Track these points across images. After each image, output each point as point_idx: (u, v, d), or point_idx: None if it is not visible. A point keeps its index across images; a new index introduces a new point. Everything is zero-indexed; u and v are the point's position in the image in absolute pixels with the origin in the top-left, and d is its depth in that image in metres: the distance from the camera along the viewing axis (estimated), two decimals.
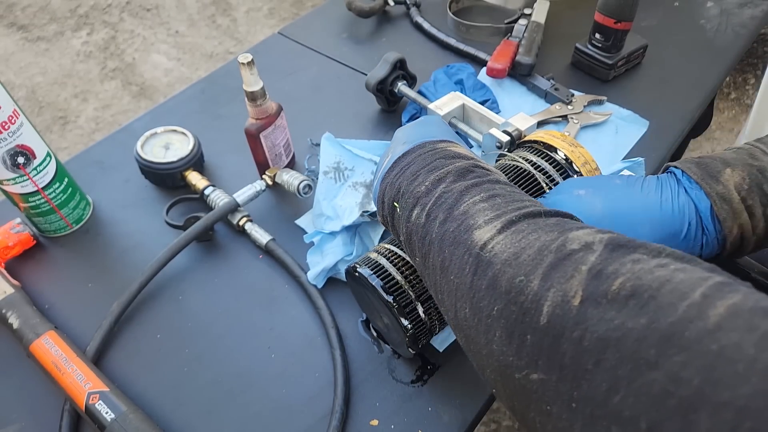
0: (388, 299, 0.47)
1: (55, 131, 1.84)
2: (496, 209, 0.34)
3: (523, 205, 0.35)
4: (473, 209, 0.35)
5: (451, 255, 0.34)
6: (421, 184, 0.39)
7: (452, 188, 0.37)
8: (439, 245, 0.36)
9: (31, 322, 0.56)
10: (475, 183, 0.37)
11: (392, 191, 0.42)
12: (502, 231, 0.32)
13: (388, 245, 0.51)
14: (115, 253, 0.66)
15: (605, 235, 0.30)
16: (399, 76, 0.78)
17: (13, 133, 0.57)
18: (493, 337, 0.30)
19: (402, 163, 0.43)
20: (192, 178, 0.70)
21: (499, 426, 1.12)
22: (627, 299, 0.25)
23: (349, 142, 0.69)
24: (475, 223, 0.34)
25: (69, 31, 2.20)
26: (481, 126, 0.72)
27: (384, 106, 0.80)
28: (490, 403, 0.54)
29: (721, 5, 0.95)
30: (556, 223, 0.32)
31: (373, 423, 0.52)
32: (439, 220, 0.36)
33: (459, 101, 0.73)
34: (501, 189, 0.37)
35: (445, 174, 0.38)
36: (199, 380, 0.55)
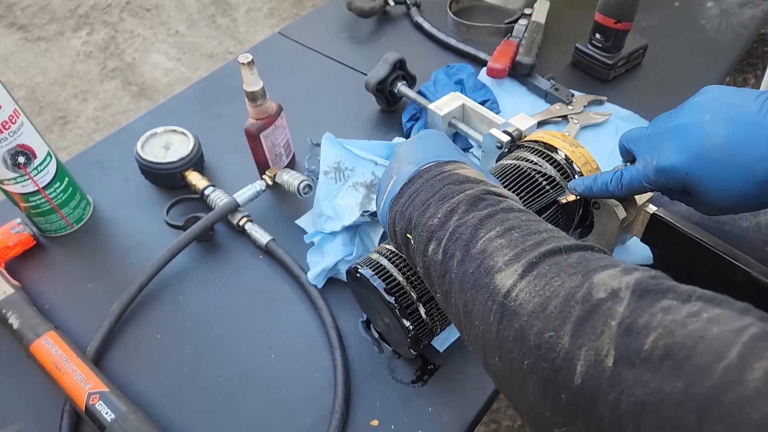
0: (389, 300, 0.47)
1: (55, 131, 1.84)
2: (514, 246, 0.33)
3: (541, 239, 0.33)
4: (490, 247, 0.34)
5: (473, 299, 0.34)
6: (434, 216, 0.38)
7: (466, 221, 0.36)
8: (459, 286, 0.35)
9: (31, 323, 0.56)
10: (489, 214, 0.36)
11: (403, 221, 0.41)
12: (524, 275, 0.31)
13: (390, 246, 0.51)
14: (116, 253, 0.66)
15: (631, 278, 0.29)
16: (399, 77, 0.78)
17: (14, 132, 0.57)
18: (526, 390, 0.30)
19: (409, 189, 0.41)
20: (192, 178, 0.70)
21: (499, 426, 1.12)
22: (662, 360, 0.25)
23: (350, 142, 0.69)
24: (495, 265, 0.33)
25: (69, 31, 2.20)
26: (481, 126, 0.72)
27: (384, 107, 0.80)
28: (490, 403, 0.54)
29: (722, 5, 0.95)
30: (578, 262, 0.31)
31: (373, 423, 0.52)
32: (457, 260, 0.35)
33: (459, 101, 0.73)
34: (516, 219, 0.36)
35: (457, 204, 0.37)
36: (199, 380, 0.55)
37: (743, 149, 0.37)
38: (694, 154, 0.39)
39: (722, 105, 0.40)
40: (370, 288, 0.49)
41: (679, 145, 0.40)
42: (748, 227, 0.56)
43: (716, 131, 0.38)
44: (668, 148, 0.41)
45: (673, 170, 0.40)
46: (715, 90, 0.42)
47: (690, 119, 0.41)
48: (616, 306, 0.27)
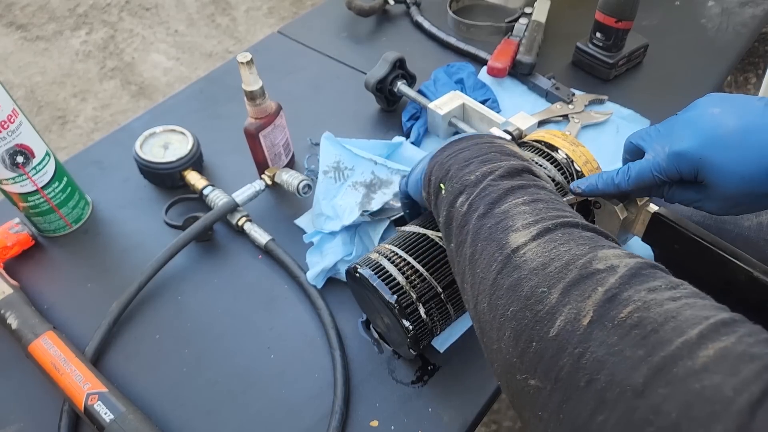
0: (389, 300, 0.47)
1: (54, 131, 1.84)
2: (536, 214, 0.35)
3: (563, 214, 0.35)
4: (514, 210, 0.35)
5: (483, 249, 0.35)
6: (472, 173, 0.39)
7: (499, 184, 0.37)
8: (473, 237, 0.36)
9: (29, 323, 0.55)
10: (521, 185, 0.37)
11: (441, 171, 0.42)
12: (537, 238, 0.33)
13: (390, 245, 0.51)
14: (115, 253, 0.66)
15: (632, 260, 0.30)
16: (398, 76, 0.77)
17: (12, 132, 0.57)
18: (503, 335, 0.32)
19: (456, 147, 0.42)
20: (191, 178, 0.70)
21: (499, 427, 1.11)
22: (631, 328, 0.27)
23: (349, 141, 0.69)
24: (513, 225, 0.34)
25: (68, 31, 2.19)
26: (482, 125, 0.72)
27: (383, 106, 0.80)
28: (491, 403, 0.54)
29: (722, 4, 0.95)
30: (590, 237, 0.33)
31: (373, 424, 0.51)
32: (478, 213, 0.37)
33: (459, 101, 0.72)
34: (546, 195, 0.37)
35: (496, 168, 0.39)
36: (198, 380, 0.55)
37: (755, 133, 0.39)
38: (707, 138, 0.40)
39: (728, 103, 0.41)
40: (369, 288, 0.49)
41: (692, 131, 0.41)
42: (750, 226, 0.56)
43: (727, 120, 0.40)
44: (681, 134, 0.42)
45: (687, 154, 0.41)
46: (718, 94, 0.43)
47: (701, 111, 0.42)
48: (609, 277, 0.29)
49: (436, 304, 0.49)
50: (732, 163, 0.39)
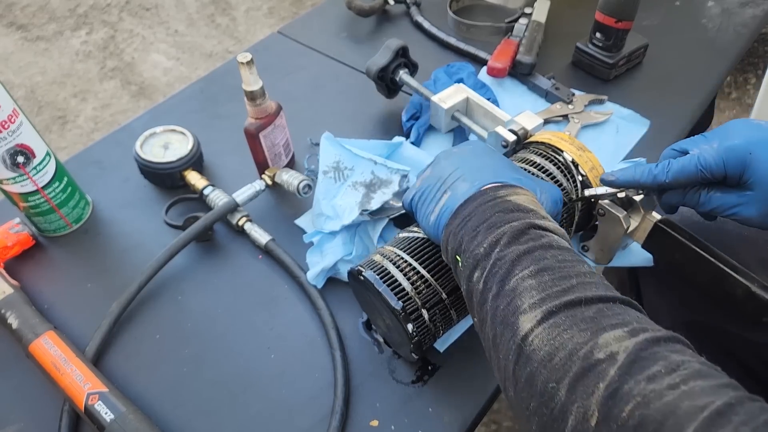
0: (395, 307, 0.47)
1: (55, 131, 1.84)
2: (542, 290, 0.36)
3: (568, 286, 0.35)
4: (521, 286, 0.36)
5: (501, 334, 0.37)
6: (480, 245, 0.40)
7: (506, 254, 0.38)
8: (492, 319, 0.38)
9: (30, 322, 0.55)
10: (527, 249, 0.38)
11: (455, 242, 0.43)
12: (542, 322, 0.34)
13: (394, 248, 0.51)
14: (115, 252, 0.66)
15: (632, 342, 0.31)
16: (401, 64, 0.76)
17: (13, 132, 0.57)
18: (531, 427, 0.34)
19: (464, 212, 0.43)
20: (191, 178, 0.70)
21: (499, 427, 1.11)
22: (635, 429, 0.28)
23: (349, 141, 0.69)
24: (521, 306, 0.36)
25: (68, 31, 2.19)
26: (485, 121, 0.71)
27: (384, 94, 0.79)
28: (491, 403, 0.54)
29: (723, 4, 0.95)
30: (593, 317, 0.33)
31: (373, 423, 0.52)
32: (492, 293, 0.38)
33: (463, 94, 0.71)
34: (551, 259, 0.37)
35: (501, 235, 0.39)
36: (198, 381, 0.55)
37: None
38: (759, 137, 0.42)
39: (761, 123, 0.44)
40: (373, 291, 0.49)
41: (744, 131, 0.43)
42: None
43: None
44: (732, 134, 0.44)
45: (737, 148, 0.42)
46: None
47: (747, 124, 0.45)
48: (609, 368, 0.30)
49: (440, 309, 0.49)
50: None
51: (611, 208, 0.52)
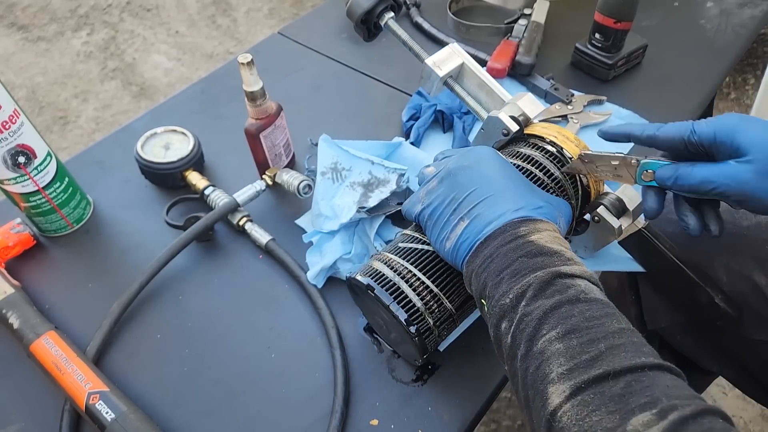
0: (411, 331, 0.47)
1: (56, 131, 1.84)
2: (570, 357, 0.35)
3: (597, 354, 0.35)
4: (549, 350, 0.36)
5: (533, 398, 0.36)
6: (506, 295, 0.39)
7: (532, 310, 0.38)
8: (522, 379, 0.38)
9: (31, 322, 0.56)
10: (554, 305, 0.37)
11: (479, 284, 0.42)
12: (570, 398, 0.34)
13: (401, 260, 0.49)
14: (116, 253, 0.66)
15: (660, 427, 0.30)
16: (388, 7, 0.67)
17: (14, 132, 0.57)
18: None
19: (484, 251, 0.42)
20: (192, 178, 0.70)
21: (499, 426, 1.12)
22: None
23: (347, 142, 0.69)
24: (549, 374, 0.35)
25: (69, 32, 2.20)
26: (480, 94, 0.64)
27: (363, 37, 0.70)
28: (490, 402, 0.54)
29: (721, 5, 0.95)
30: (621, 394, 0.33)
31: (373, 423, 0.52)
32: (521, 352, 0.38)
33: (458, 59, 0.63)
34: (579, 316, 0.37)
35: (527, 287, 0.39)
36: (199, 380, 0.55)
37: None
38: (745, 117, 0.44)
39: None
40: (383, 307, 0.48)
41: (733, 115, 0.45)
42: (749, 226, 0.57)
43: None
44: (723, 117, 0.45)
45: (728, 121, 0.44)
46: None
47: None
48: None
49: (448, 324, 0.50)
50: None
51: (606, 217, 0.53)
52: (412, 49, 0.66)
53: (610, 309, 0.38)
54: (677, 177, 0.45)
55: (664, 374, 0.34)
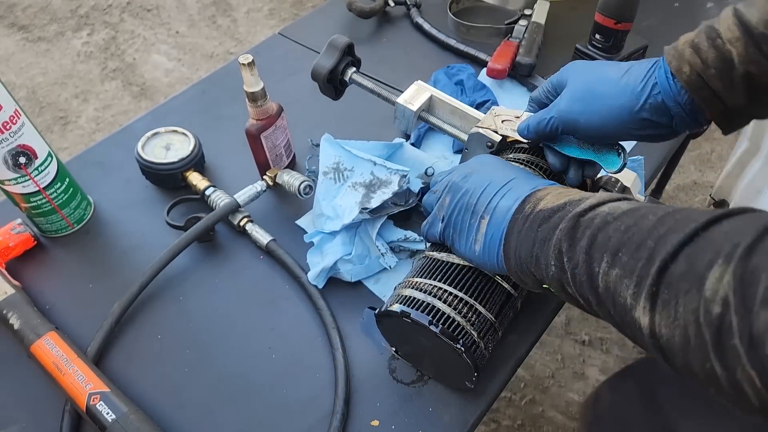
0: (468, 361, 0.46)
1: (56, 131, 1.84)
2: (630, 272, 0.34)
3: (649, 253, 0.33)
4: (611, 283, 0.35)
5: (632, 335, 0.35)
6: (549, 267, 0.39)
7: (576, 260, 0.37)
8: (617, 326, 0.37)
9: (31, 323, 0.56)
10: (590, 241, 0.37)
11: (529, 278, 0.42)
12: (653, 309, 0.32)
13: (429, 280, 0.49)
14: (116, 253, 0.66)
15: (730, 270, 0.28)
16: (349, 63, 0.70)
17: (15, 133, 0.57)
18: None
19: (510, 249, 0.43)
20: (193, 179, 0.70)
21: (499, 426, 1.12)
22: None
23: (349, 142, 0.69)
24: (626, 303, 0.34)
25: (69, 32, 2.20)
26: (453, 119, 0.66)
27: (331, 96, 0.72)
28: (491, 403, 0.54)
29: (721, 5, 0.95)
30: (686, 270, 0.31)
31: (373, 423, 0.52)
32: (594, 303, 0.37)
33: (426, 93, 0.65)
34: (616, 235, 0.35)
35: (558, 245, 0.38)
36: (200, 381, 0.55)
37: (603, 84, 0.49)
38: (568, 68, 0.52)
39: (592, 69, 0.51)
40: (421, 330, 0.47)
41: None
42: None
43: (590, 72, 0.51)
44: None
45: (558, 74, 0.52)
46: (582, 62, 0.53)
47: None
48: (730, 318, 0.28)
49: (492, 335, 0.49)
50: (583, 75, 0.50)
51: None
52: (381, 95, 0.68)
53: (644, 209, 0.36)
54: (527, 125, 0.52)
55: (718, 225, 0.32)
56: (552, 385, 1.16)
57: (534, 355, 1.20)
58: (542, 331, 0.59)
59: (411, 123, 0.66)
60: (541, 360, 1.20)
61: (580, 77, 0.50)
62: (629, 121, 0.47)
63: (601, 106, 0.48)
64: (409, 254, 0.64)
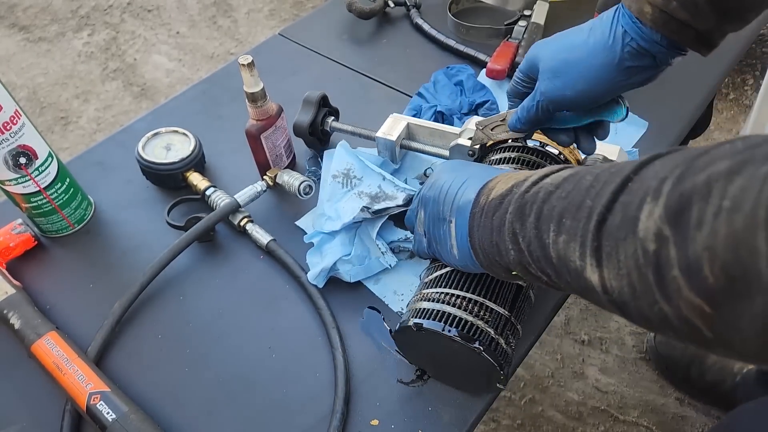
0: (495, 366, 0.45)
1: (57, 132, 1.85)
2: (574, 234, 0.33)
3: (587, 212, 0.33)
4: (560, 250, 0.35)
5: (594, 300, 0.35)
6: (508, 253, 0.39)
7: (527, 237, 0.37)
8: (573, 291, 0.36)
9: (32, 323, 0.56)
10: (536, 216, 0.36)
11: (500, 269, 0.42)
12: (600, 265, 0.32)
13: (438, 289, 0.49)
14: (117, 253, 0.67)
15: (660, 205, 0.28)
16: (326, 114, 0.74)
17: (15, 133, 0.57)
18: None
19: (475, 243, 0.43)
20: (193, 179, 0.70)
21: (498, 425, 1.12)
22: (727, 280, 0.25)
23: (364, 153, 0.70)
24: (576, 266, 0.34)
25: (70, 32, 2.20)
26: (434, 140, 0.69)
27: (316, 149, 0.76)
28: (491, 402, 0.54)
29: None
30: (621, 221, 0.31)
31: (373, 423, 0.52)
32: (554, 277, 0.37)
33: (402, 122, 0.69)
34: (559, 203, 0.35)
35: (511, 227, 0.38)
36: (200, 380, 0.56)
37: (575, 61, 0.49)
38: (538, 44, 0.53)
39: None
40: (437, 338, 0.46)
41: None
42: None
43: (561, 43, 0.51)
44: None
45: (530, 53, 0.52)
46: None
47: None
48: (667, 251, 0.27)
49: (509, 328, 0.48)
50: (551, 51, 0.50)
51: None
52: (361, 134, 0.73)
53: (582, 172, 0.36)
54: (517, 118, 0.53)
55: (649, 166, 0.31)
56: (551, 385, 1.16)
57: (533, 354, 1.20)
58: (542, 330, 0.59)
59: (395, 152, 0.69)
60: (540, 359, 1.20)
61: (549, 54, 0.50)
62: (614, 75, 0.47)
63: (581, 72, 0.48)
64: (409, 254, 0.64)
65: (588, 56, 0.47)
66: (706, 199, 0.25)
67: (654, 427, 1.10)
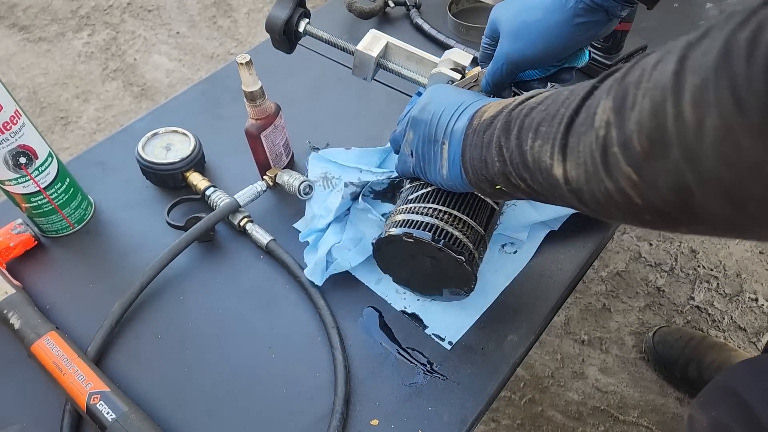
0: (459, 258, 0.50)
1: (57, 132, 1.85)
2: (547, 138, 0.37)
3: (561, 117, 0.36)
4: (536, 152, 0.38)
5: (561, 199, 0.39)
6: (494, 164, 0.42)
7: (511, 147, 0.40)
8: (544, 193, 0.40)
9: (32, 323, 0.56)
10: (519, 127, 0.40)
11: (487, 185, 0.45)
12: (564, 159, 0.36)
13: (425, 204, 0.52)
14: (117, 253, 0.67)
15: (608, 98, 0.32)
16: (302, 15, 0.69)
17: (15, 133, 0.57)
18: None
19: (466, 162, 0.46)
20: (193, 179, 0.70)
21: (498, 425, 1.12)
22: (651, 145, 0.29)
23: (338, 154, 0.70)
24: (546, 165, 0.37)
25: (70, 32, 2.20)
26: (410, 64, 0.67)
27: (286, 50, 0.72)
28: (491, 402, 0.54)
29: (721, 6, 0.95)
30: (585, 118, 0.34)
31: (373, 423, 0.52)
32: (529, 184, 0.40)
33: (383, 40, 0.67)
34: (539, 114, 0.39)
35: (497, 141, 0.42)
36: (199, 380, 0.56)
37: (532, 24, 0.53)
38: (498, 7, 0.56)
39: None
40: (424, 248, 0.51)
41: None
42: None
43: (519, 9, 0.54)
44: None
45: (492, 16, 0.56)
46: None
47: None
48: (611, 133, 0.32)
49: (482, 245, 0.53)
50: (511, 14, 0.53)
51: None
52: (338, 44, 0.68)
53: (563, 89, 0.39)
54: (486, 82, 0.56)
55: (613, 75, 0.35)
56: (551, 385, 1.16)
57: (533, 354, 1.20)
58: (541, 330, 0.59)
59: (371, 70, 0.67)
60: (540, 359, 1.20)
61: (509, 17, 0.53)
62: (571, 31, 0.51)
63: (540, 32, 0.51)
64: None
65: (545, 16, 0.51)
66: (638, 85, 0.30)
67: (654, 427, 1.10)
